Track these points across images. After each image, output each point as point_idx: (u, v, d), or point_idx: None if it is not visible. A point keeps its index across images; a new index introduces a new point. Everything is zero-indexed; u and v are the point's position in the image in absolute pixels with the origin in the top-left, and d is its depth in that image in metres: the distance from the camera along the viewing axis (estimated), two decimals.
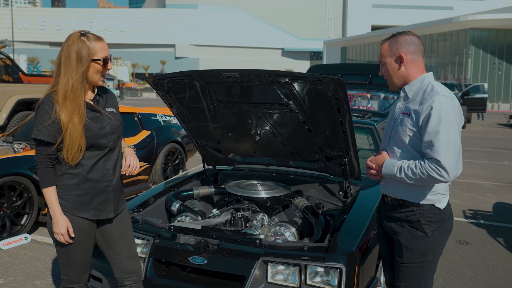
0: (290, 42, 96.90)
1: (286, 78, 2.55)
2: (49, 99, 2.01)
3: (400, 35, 2.09)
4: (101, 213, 2.14)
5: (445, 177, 1.88)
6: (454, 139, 1.90)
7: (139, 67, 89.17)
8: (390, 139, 2.15)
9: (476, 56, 48.72)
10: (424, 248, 2.05)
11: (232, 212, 2.98)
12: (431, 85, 2.02)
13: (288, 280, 2.31)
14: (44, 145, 2.01)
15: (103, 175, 2.12)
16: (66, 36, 2.11)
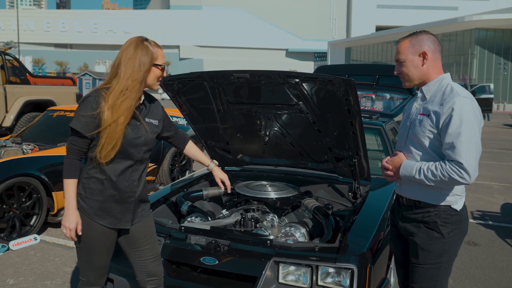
0: (294, 42, 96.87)
1: (296, 78, 2.55)
2: (98, 94, 2.01)
3: (421, 33, 2.09)
4: (119, 222, 2.12)
5: (467, 179, 1.87)
6: (475, 141, 1.89)
7: None
8: (407, 139, 2.13)
9: (481, 57, 48.51)
10: (441, 249, 2.04)
11: (241, 213, 2.98)
12: (450, 86, 2.01)
13: (299, 281, 2.31)
14: (78, 136, 2.01)
15: (128, 185, 2.12)
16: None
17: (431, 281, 2.09)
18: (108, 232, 2.11)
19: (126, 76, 2.01)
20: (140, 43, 2.08)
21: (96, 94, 2.02)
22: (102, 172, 2.05)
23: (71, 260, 3.85)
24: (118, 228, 2.14)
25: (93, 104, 1.99)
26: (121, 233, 2.20)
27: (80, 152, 2.04)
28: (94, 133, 1.99)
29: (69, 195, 2.03)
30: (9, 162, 4.23)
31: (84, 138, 2.01)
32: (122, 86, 2.01)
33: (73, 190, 2.04)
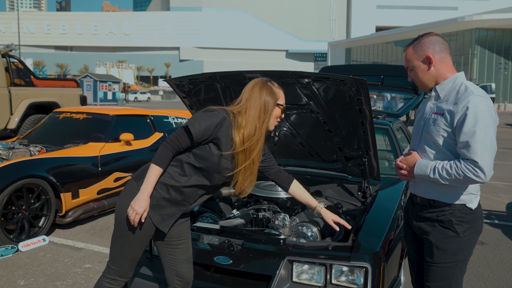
0: (294, 43, 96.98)
1: (308, 78, 2.56)
2: (228, 115, 2.10)
3: (422, 37, 2.10)
4: (161, 223, 2.13)
5: (482, 178, 1.88)
6: (490, 139, 1.89)
7: (143, 70, 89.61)
8: (421, 138, 2.13)
9: (481, 56, 48.51)
10: (456, 248, 2.05)
11: (252, 212, 3.00)
12: (464, 85, 2.01)
13: (313, 280, 2.32)
14: (187, 135, 2.05)
15: (190, 196, 2.16)
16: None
17: (446, 280, 2.10)
18: (151, 226, 2.13)
19: (252, 116, 2.10)
20: (265, 84, 2.16)
21: (226, 115, 2.09)
22: (181, 175, 2.10)
23: (80, 261, 3.86)
24: (157, 227, 2.15)
25: (219, 121, 2.06)
26: (157, 233, 2.20)
27: (179, 149, 2.08)
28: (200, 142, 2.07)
29: (150, 180, 2.04)
30: (17, 164, 4.24)
31: (191, 140, 2.06)
32: (250, 128, 2.09)
33: (155, 178, 2.06)
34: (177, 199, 2.12)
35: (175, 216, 2.17)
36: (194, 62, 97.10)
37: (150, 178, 2.04)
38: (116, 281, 2.18)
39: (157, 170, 2.05)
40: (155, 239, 2.25)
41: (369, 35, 69.16)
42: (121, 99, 36.86)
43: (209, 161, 2.10)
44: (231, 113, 2.12)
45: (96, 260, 3.88)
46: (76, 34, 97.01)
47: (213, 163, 2.10)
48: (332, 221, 2.44)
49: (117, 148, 5.26)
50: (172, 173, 2.10)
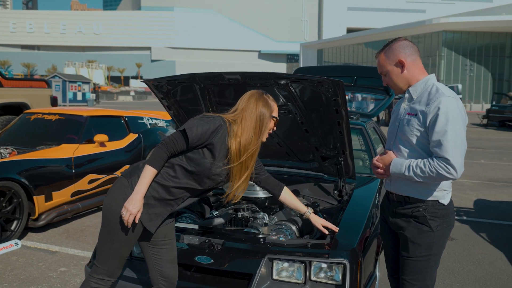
0: (267, 44, 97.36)
1: (286, 80, 2.61)
2: (224, 123, 2.14)
3: (392, 42, 2.19)
4: (148, 223, 2.14)
5: (454, 174, 1.97)
6: (460, 138, 1.99)
7: (114, 70, 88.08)
8: (396, 138, 2.22)
9: (448, 58, 49.91)
10: (430, 242, 2.14)
11: (231, 212, 3.02)
12: (436, 86, 2.11)
13: (293, 277, 2.37)
14: (183, 138, 2.08)
15: (178, 197, 2.18)
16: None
17: (421, 273, 2.19)
18: (140, 225, 2.13)
19: (248, 126, 2.16)
20: (261, 96, 2.23)
21: (223, 122, 2.14)
22: (173, 177, 2.12)
23: (55, 264, 3.80)
24: (144, 226, 2.15)
25: (216, 127, 2.10)
26: (143, 233, 2.20)
27: (174, 151, 2.10)
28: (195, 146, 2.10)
29: (144, 181, 2.05)
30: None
31: (187, 144, 2.09)
32: (246, 138, 2.15)
33: (150, 179, 2.07)
34: (166, 198, 2.14)
35: (162, 216, 2.18)
36: (166, 63, 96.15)
37: (145, 179, 2.05)
38: (104, 280, 2.18)
39: (152, 171, 2.06)
40: (140, 239, 2.25)
41: (340, 37, 70.10)
42: (92, 99, 36.12)
43: (201, 166, 2.13)
44: (227, 121, 2.16)
45: (72, 263, 3.82)
46: (44, 33, 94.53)
47: (204, 168, 2.13)
48: (321, 225, 2.51)
49: (91, 150, 5.19)
50: (163, 173, 2.12)
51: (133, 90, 60.39)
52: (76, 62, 69.64)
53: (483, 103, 42.12)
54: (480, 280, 3.64)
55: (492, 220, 5.36)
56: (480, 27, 46.26)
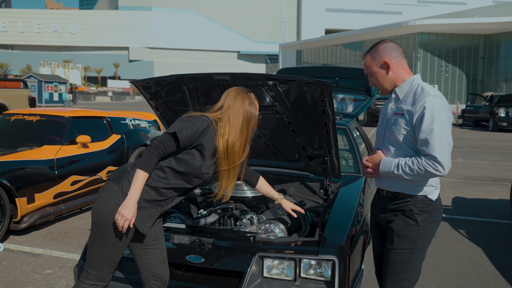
0: (246, 45, 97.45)
1: (275, 81, 2.66)
2: (211, 123, 2.15)
3: (378, 45, 2.26)
4: (142, 225, 2.13)
5: (441, 171, 2.05)
6: (446, 136, 2.06)
7: (91, 70, 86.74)
8: (384, 138, 2.29)
9: (424, 59, 50.87)
10: (415, 236, 2.21)
11: (220, 212, 3.05)
12: (421, 86, 2.18)
13: (283, 274, 2.41)
14: (173, 140, 2.07)
15: (168, 197, 2.19)
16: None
17: (403, 266, 2.26)
18: (132, 229, 2.12)
19: (236, 125, 2.18)
20: (246, 94, 2.25)
21: (210, 122, 2.14)
22: (162, 179, 2.12)
23: (40, 267, 3.76)
24: (138, 229, 2.14)
25: (204, 128, 2.11)
26: (135, 234, 2.19)
27: (164, 154, 2.09)
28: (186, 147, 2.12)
29: (137, 186, 2.03)
30: None
31: (177, 146, 2.09)
32: (234, 136, 2.17)
33: (142, 183, 2.05)
34: (156, 200, 2.15)
35: (154, 217, 2.19)
36: (144, 63, 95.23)
37: (138, 183, 2.03)
38: (95, 286, 2.16)
39: (144, 175, 2.05)
40: (131, 241, 2.25)
41: (319, 38, 70.61)
42: (68, 100, 35.49)
43: (190, 166, 2.14)
44: (213, 121, 2.17)
45: (57, 266, 3.78)
46: (18, 32, 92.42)
47: (194, 167, 2.15)
48: (290, 209, 2.65)
49: (73, 151, 5.14)
50: (153, 176, 2.12)
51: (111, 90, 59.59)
52: (52, 62, 68.33)
53: (458, 103, 43.10)
54: (460, 275, 3.76)
55: (470, 217, 5.52)
56: (455, 29, 47.35)
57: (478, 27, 47.84)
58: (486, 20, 48.09)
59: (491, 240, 4.64)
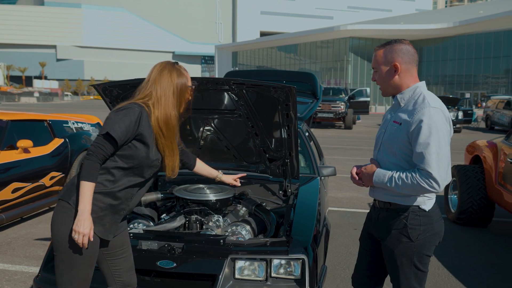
0: (181, 45, 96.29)
1: (241, 85, 2.70)
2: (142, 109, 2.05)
3: (396, 43, 2.11)
4: (104, 233, 2.06)
5: (436, 188, 1.94)
6: (444, 151, 1.95)
7: (14, 69, 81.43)
8: (381, 146, 2.19)
9: (355, 63, 53.22)
10: (410, 252, 2.09)
11: (184, 215, 3.04)
12: (423, 95, 2.05)
13: (254, 275, 2.46)
14: (109, 141, 1.98)
15: (125, 197, 2.10)
16: None
17: (405, 279, 2.14)
18: (96, 240, 2.04)
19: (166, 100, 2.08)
20: (174, 67, 2.15)
21: (140, 109, 2.04)
22: (112, 181, 2.04)
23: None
24: (103, 238, 2.07)
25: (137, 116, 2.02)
26: (101, 244, 2.12)
27: (104, 157, 1.99)
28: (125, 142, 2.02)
29: (86, 198, 1.93)
30: None
31: (115, 145, 1.99)
32: (166, 112, 2.08)
33: (90, 195, 1.94)
34: (113, 204, 2.07)
35: (117, 222, 2.13)
36: (73, 62, 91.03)
37: (85, 196, 1.93)
38: None
39: (90, 186, 1.94)
40: (99, 255, 2.17)
41: (254, 40, 71.45)
42: None
43: (137, 159, 2.05)
44: (144, 105, 2.07)
45: (4, 279, 3.56)
46: None
47: (141, 159, 2.06)
48: (233, 180, 2.83)
49: (14, 156, 4.85)
50: (102, 181, 2.02)
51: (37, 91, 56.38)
52: None
53: (386, 105, 45.54)
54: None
55: None
56: (383, 34, 49.98)
57: (403, 33, 50.83)
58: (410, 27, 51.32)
59: None
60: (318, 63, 58.05)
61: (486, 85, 49.85)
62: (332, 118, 19.46)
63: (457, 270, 3.96)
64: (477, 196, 5.00)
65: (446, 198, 5.66)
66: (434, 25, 49.56)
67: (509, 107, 19.30)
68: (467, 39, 50.00)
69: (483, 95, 45.98)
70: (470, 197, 5.03)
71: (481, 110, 26.15)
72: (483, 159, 5.17)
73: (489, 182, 4.93)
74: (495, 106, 20.71)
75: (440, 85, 52.31)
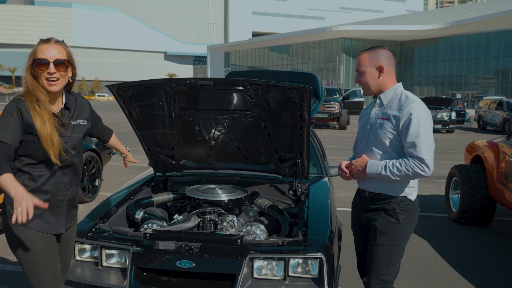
0: (173, 46, 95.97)
1: (257, 86, 2.72)
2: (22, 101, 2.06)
3: (378, 48, 2.41)
4: (53, 228, 2.11)
5: (427, 172, 2.24)
6: (431, 139, 2.27)
7: (4, 69, 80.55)
8: (368, 141, 2.45)
9: (347, 63, 53.42)
10: (396, 233, 2.40)
11: (198, 215, 3.05)
12: (405, 94, 2.37)
13: (272, 274, 2.48)
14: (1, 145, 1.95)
15: (58, 188, 2.11)
16: None
17: (385, 260, 2.45)
18: (47, 236, 2.09)
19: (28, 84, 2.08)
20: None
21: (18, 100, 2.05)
22: (31, 178, 2.04)
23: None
24: (53, 233, 2.11)
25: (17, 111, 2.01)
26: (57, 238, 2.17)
27: (8, 157, 1.93)
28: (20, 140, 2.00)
29: (9, 185, 1.84)
30: None
31: (8, 146, 1.95)
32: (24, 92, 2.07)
33: (11, 180, 1.85)
34: (46, 199, 2.02)
35: (62, 214, 2.15)
36: None
37: (7, 184, 1.85)
38: None
39: (4, 176, 1.86)
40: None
41: (246, 40, 71.44)
42: None
43: (38, 152, 2.01)
44: (22, 98, 2.04)
45: (13, 281, 3.54)
46: None
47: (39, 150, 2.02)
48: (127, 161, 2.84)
49: None
50: (23, 182, 2.00)
51: None
52: None
53: None
54: (414, 266, 4.06)
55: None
56: (375, 35, 50.28)
57: (395, 34, 51.19)
58: (402, 27, 51.70)
59: (433, 233, 5.05)
60: (311, 64, 58.23)
61: (477, 86, 50.39)
62: (326, 119, 19.54)
63: (462, 269, 4.01)
64: (479, 195, 5.06)
65: (447, 197, 5.73)
66: (425, 26, 49.97)
67: (501, 108, 19.52)
68: (457, 40, 50.51)
69: (474, 95, 46.49)
70: (472, 197, 5.10)
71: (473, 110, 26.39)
72: (484, 159, 5.24)
73: (491, 182, 5.00)
74: (487, 106, 20.92)
75: (431, 85, 52.77)
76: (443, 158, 10.17)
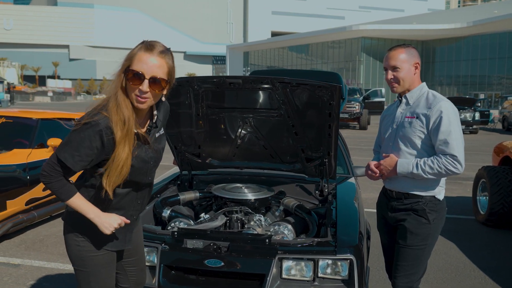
0: (192, 45, 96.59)
1: (287, 84, 2.69)
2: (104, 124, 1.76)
3: (409, 46, 2.38)
4: (120, 244, 2.00)
5: (460, 169, 2.21)
6: (461, 136, 2.25)
7: (28, 69, 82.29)
8: (395, 140, 2.41)
9: (367, 63, 52.88)
10: (426, 233, 2.37)
11: (225, 214, 3.03)
12: (431, 92, 2.36)
13: (301, 275, 2.45)
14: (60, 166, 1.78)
15: (132, 204, 1.99)
16: None
17: (415, 260, 2.41)
18: (113, 255, 2.01)
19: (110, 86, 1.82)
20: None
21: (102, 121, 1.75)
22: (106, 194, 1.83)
23: (22, 278, 3.54)
24: (119, 249, 2.03)
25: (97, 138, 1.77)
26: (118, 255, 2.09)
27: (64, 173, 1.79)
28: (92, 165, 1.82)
29: (84, 208, 1.81)
30: None
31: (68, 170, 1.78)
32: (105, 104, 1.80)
33: (84, 202, 1.82)
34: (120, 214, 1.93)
35: (130, 229, 2.05)
36: (86, 62, 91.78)
37: (82, 207, 1.80)
38: None
39: (75, 198, 1.80)
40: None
41: (265, 40, 71.33)
42: (6, 100, 33.49)
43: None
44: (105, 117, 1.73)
45: (41, 277, 3.59)
46: None
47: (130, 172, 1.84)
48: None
49: (44, 155, 4.88)
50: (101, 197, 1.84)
51: (50, 90, 56.97)
52: None
53: None
54: (442, 269, 3.97)
55: None
56: (395, 34, 49.64)
57: (415, 33, 50.43)
58: (423, 27, 50.92)
59: (460, 235, 4.93)
60: (330, 63, 57.84)
61: (500, 86, 49.28)
62: (347, 119, 19.39)
63: (492, 273, 3.91)
64: (509, 197, 4.93)
65: (474, 199, 5.60)
66: (447, 25, 49.11)
67: None
68: (481, 39, 49.49)
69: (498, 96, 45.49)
70: (501, 199, 4.97)
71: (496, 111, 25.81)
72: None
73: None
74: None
75: (453, 85, 51.85)
76: (468, 159, 9.90)
